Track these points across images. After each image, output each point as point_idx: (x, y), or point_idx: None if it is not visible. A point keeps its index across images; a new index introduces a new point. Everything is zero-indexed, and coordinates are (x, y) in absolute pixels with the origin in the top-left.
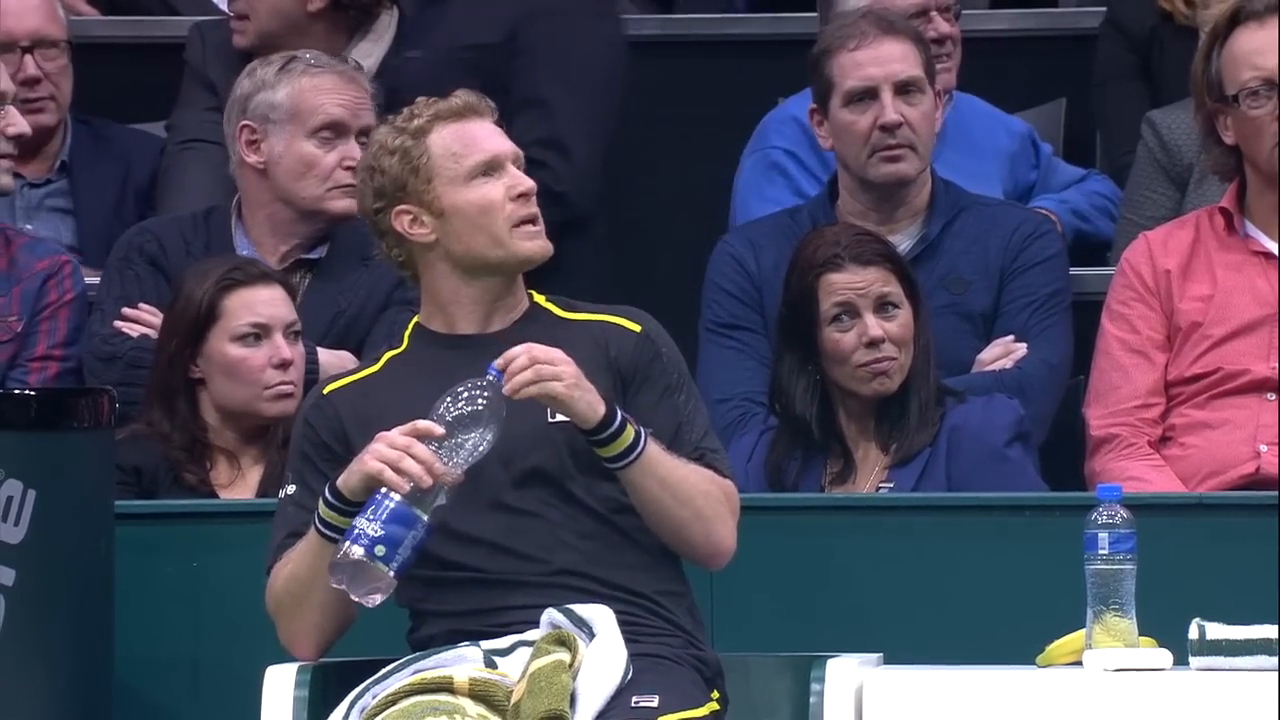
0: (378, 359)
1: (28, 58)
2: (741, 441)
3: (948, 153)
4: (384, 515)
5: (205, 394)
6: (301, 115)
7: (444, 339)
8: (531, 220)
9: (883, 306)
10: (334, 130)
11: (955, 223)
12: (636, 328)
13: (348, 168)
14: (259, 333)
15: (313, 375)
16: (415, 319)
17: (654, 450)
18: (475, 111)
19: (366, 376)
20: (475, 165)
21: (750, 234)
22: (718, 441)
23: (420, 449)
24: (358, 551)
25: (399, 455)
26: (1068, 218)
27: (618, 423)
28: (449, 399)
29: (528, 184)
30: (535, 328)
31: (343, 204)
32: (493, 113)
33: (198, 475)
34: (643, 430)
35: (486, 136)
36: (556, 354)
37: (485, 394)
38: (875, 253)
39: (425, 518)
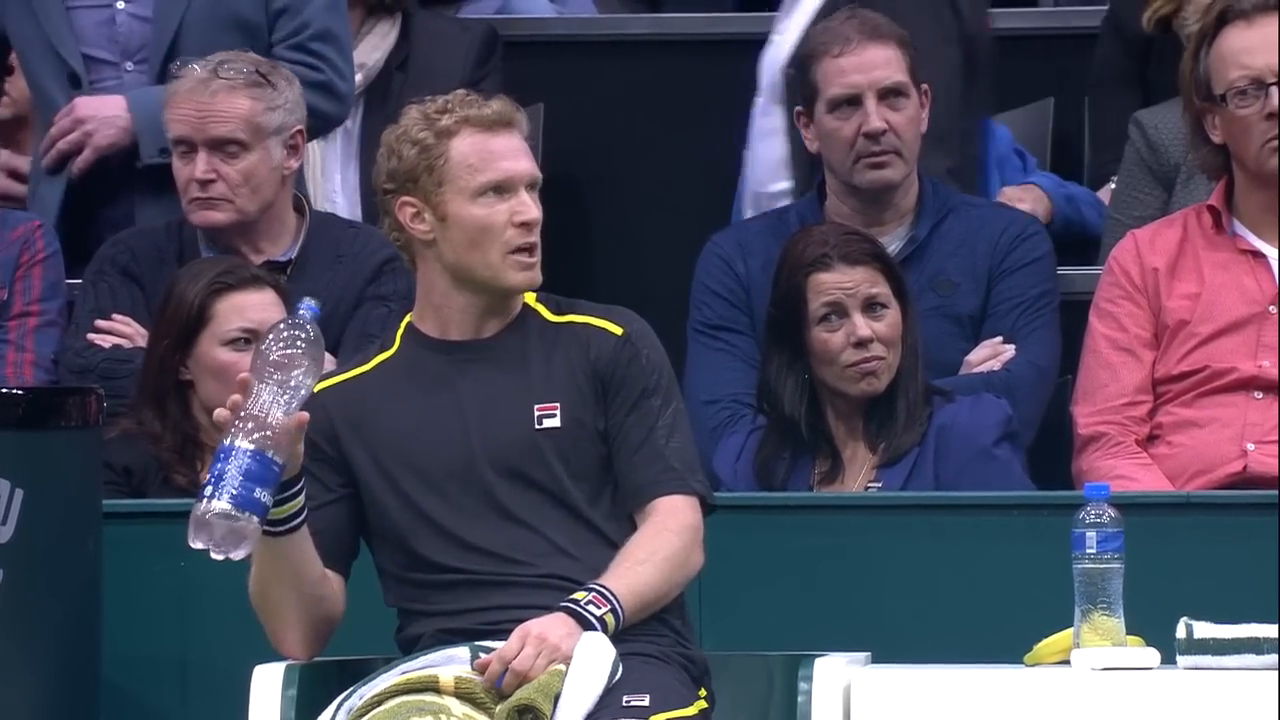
0: (367, 359)
1: None
2: (730, 441)
3: None
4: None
5: (195, 395)
6: None
7: (436, 344)
8: (528, 250)
9: (871, 306)
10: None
11: (943, 224)
12: (619, 330)
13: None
14: (248, 337)
15: None
16: (408, 317)
17: (630, 599)
18: (506, 123)
19: (357, 377)
20: (486, 183)
21: (739, 235)
22: (694, 452)
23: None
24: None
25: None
26: (1059, 196)
27: (599, 622)
28: (268, 343)
29: (533, 213)
30: (525, 331)
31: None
32: (524, 125)
33: (188, 476)
34: (614, 599)
35: (507, 155)
36: (546, 626)
37: (301, 333)
38: (864, 252)
39: (243, 444)
